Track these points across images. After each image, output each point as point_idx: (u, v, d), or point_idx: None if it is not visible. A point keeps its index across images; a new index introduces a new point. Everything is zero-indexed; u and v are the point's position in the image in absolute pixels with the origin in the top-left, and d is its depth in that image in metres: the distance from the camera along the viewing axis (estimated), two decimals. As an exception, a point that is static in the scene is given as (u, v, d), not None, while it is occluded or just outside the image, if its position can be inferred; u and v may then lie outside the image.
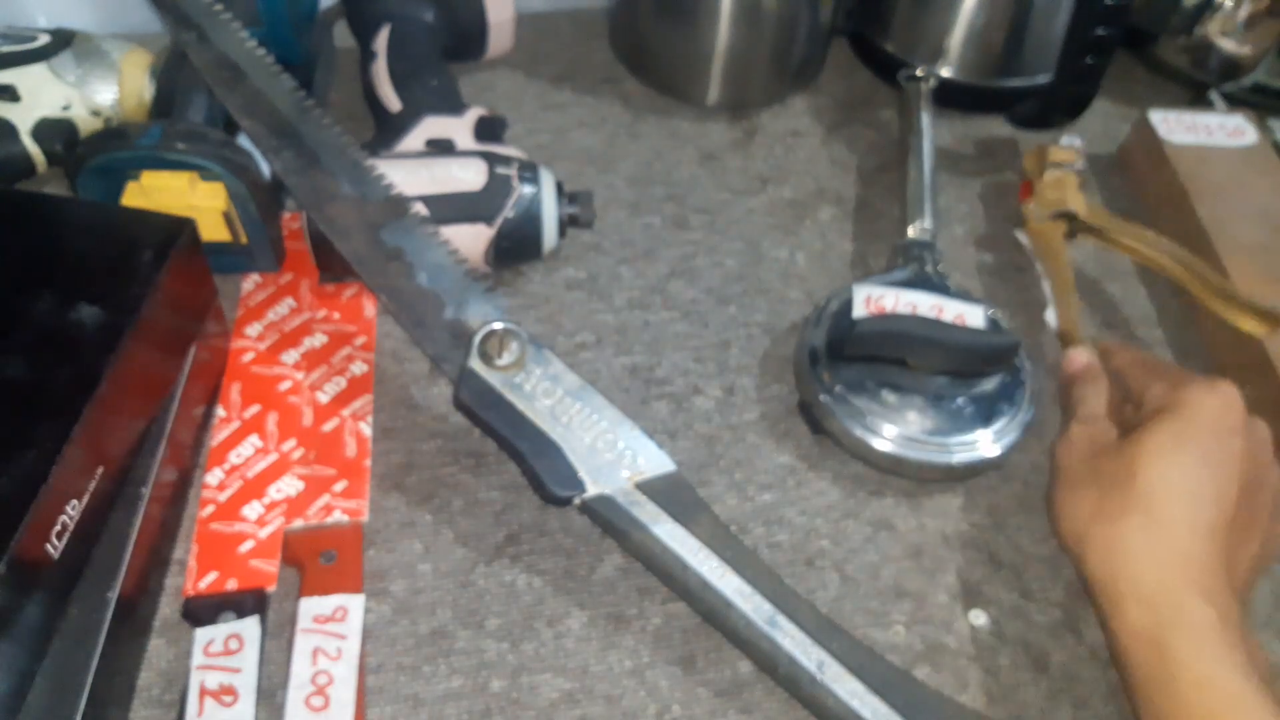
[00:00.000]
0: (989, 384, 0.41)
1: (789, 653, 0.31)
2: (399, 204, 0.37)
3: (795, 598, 0.32)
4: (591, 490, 0.33)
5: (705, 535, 0.32)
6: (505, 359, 0.34)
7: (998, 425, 0.40)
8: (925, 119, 0.53)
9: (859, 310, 0.43)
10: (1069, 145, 0.51)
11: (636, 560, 0.35)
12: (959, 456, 0.40)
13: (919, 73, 0.56)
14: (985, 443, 0.40)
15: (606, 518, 0.33)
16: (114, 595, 0.32)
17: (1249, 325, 0.45)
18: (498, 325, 0.34)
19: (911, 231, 0.48)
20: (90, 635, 0.31)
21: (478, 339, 0.34)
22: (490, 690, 0.35)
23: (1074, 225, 0.49)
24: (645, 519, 0.32)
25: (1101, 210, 0.50)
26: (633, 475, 0.33)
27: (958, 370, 0.41)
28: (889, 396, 0.40)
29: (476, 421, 0.34)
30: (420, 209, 0.38)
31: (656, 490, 0.33)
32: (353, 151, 0.38)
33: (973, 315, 0.43)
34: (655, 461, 0.33)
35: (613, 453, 0.33)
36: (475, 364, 0.34)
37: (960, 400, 0.41)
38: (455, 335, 0.35)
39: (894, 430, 0.40)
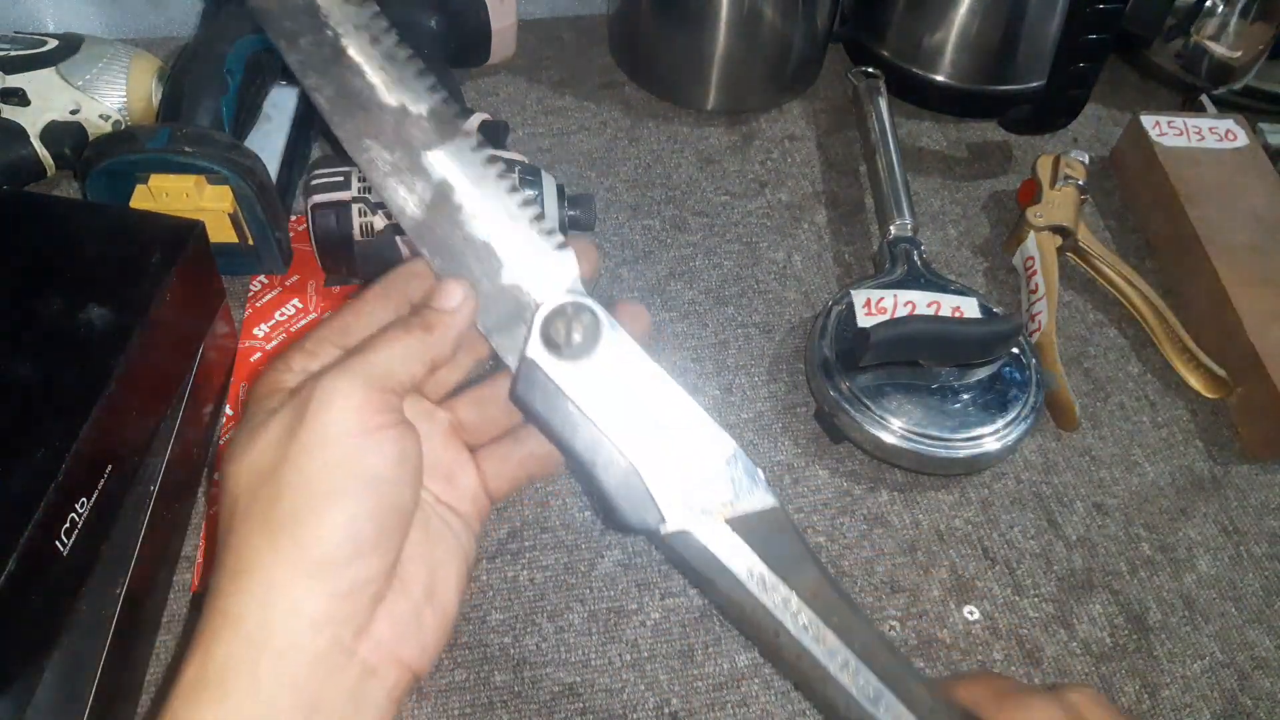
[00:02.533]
0: (992, 369, 0.42)
1: None
2: (451, 122, 0.27)
3: (908, 673, 0.26)
4: (672, 523, 0.26)
5: (807, 593, 0.26)
6: (575, 346, 0.26)
7: (1012, 412, 0.41)
8: (885, 116, 0.54)
9: (862, 316, 0.43)
10: (1078, 158, 0.51)
11: (716, 608, 0.29)
12: (986, 447, 0.40)
13: (870, 70, 0.57)
14: (1005, 430, 0.41)
15: (687, 559, 0.26)
16: (122, 591, 0.32)
17: (1199, 385, 0.46)
18: (568, 299, 0.26)
19: (893, 229, 0.48)
20: (99, 631, 0.31)
21: (541, 317, 0.26)
22: (493, 683, 0.35)
23: (1067, 243, 0.50)
24: (736, 567, 0.26)
25: (1094, 239, 0.50)
26: (724, 508, 0.26)
27: (967, 361, 0.42)
28: (906, 398, 0.41)
29: (536, 422, 0.27)
30: (475, 134, 0.28)
31: (752, 531, 0.26)
32: (391, 44, 0.28)
33: (968, 306, 0.44)
34: (753, 494, 0.26)
35: (702, 478, 0.26)
36: (537, 352, 0.26)
37: (972, 391, 0.42)
38: (514, 306, 0.27)
39: (921, 430, 0.40)
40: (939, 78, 0.58)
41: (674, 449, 0.26)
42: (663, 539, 0.26)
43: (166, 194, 0.40)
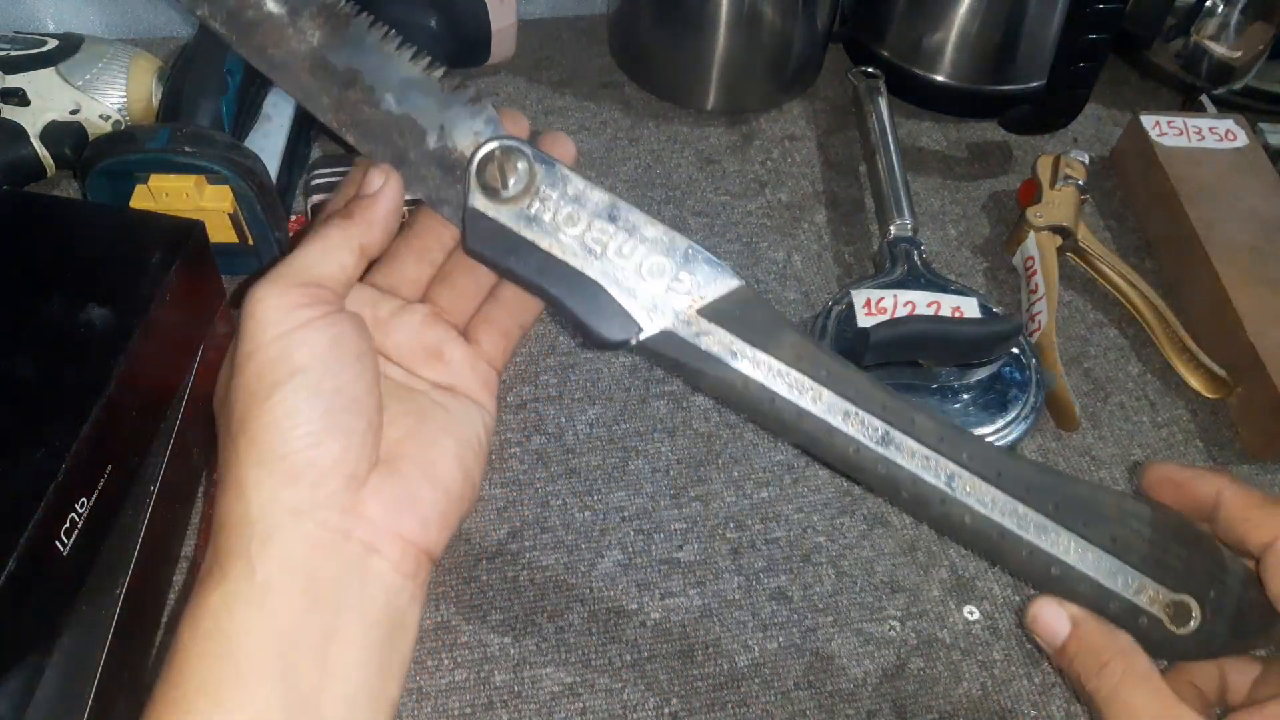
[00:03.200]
0: (991, 369, 0.42)
1: (911, 473, 0.26)
2: (339, 13, 0.28)
3: (911, 408, 0.26)
4: (649, 328, 0.27)
5: (790, 356, 0.27)
6: (513, 187, 0.27)
7: (1012, 412, 0.41)
8: (885, 116, 0.54)
9: (862, 316, 0.43)
10: (1078, 158, 0.51)
11: (714, 398, 0.30)
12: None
13: (870, 70, 0.57)
14: (1005, 430, 0.41)
15: (672, 357, 0.27)
16: (122, 592, 0.32)
17: (1199, 385, 0.46)
18: (493, 145, 0.27)
19: (893, 229, 0.48)
20: (99, 631, 0.31)
21: (474, 169, 0.27)
22: (493, 683, 0.35)
23: (1067, 243, 0.50)
24: (718, 350, 0.26)
25: (1094, 239, 0.50)
26: (693, 301, 0.27)
27: (967, 361, 0.42)
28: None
29: (495, 268, 0.28)
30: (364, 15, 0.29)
31: (723, 313, 0.27)
32: None
33: (968, 305, 0.44)
34: (716, 279, 0.27)
35: (664, 278, 0.27)
36: (478, 201, 0.27)
37: (972, 391, 0.42)
38: (446, 167, 0.28)
39: None
40: (939, 78, 0.58)
41: (631, 258, 0.27)
42: (644, 345, 0.27)
43: (166, 194, 0.40)
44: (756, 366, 0.27)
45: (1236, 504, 0.25)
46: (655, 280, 0.27)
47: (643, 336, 0.27)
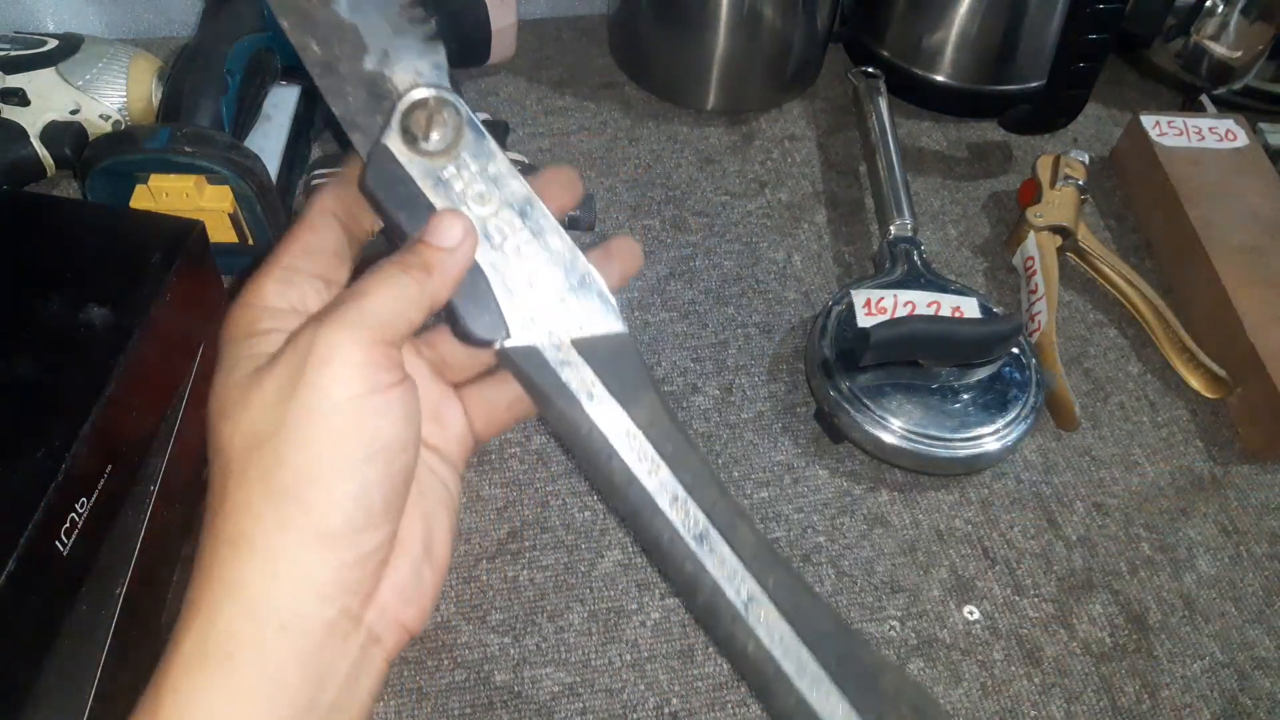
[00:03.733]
0: (992, 369, 0.42)
1: (714, 581, 0.25)
2: None
3: (737, 515, 0.25)
4: (517, 338, 0.25)
5: (644, 419, 0.25)
6: (435, 140, 0.25)
7: (1012, 412, 0.41)
8: (885, 116, 0.54)
9: (862, 316, 0.43)
10: (1078, 158, 0.51)
11: (554, 434, 0.29)
12: (986, 448, 0.40)
13: (870, 70, 0.57)
14: (1004, 430, 0.41)
15: (527, 374, 0.25)
16: (122, 592, 0.32)
17: (1199, 385, 0.46)
18: (429, 92, 0.25)
19: (893, 229, 0.48)
20: (99, 632, 0.31)
21: (402, 106, 0.25)
22: (493, 683, 0.35)
23: (1067, 243, 0.50)
24: (575, 385, 0.25)
25: (1094, 239, 0.50)
26: (571, 329, 0.25)
27: (967, 361, 0.42)
28: (906, 398, 0.41)
29: (384, 216, 0.26)
30: None
31: (596, 353, 0.25)
32: None
33: (968, 305, 0.44)
34: (602, 318, 0.26)
35: (553, 297, 0.25)
36: (393, 141, 0.25)
37: (972, 391, 0.42)
38: (373, 94, 0.26)
39: (921, 430, 0.40)
40: (939, 78, 0.58)
41: (526, 263, 0.25)
42: (506, 352, 0.25)
43: (166, 194, 0.40)
44: (606, 418, 0.25)
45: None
46: (542, 293, 0.25)
47: (508, 344, 0.25)
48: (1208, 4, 0.58)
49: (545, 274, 0.25)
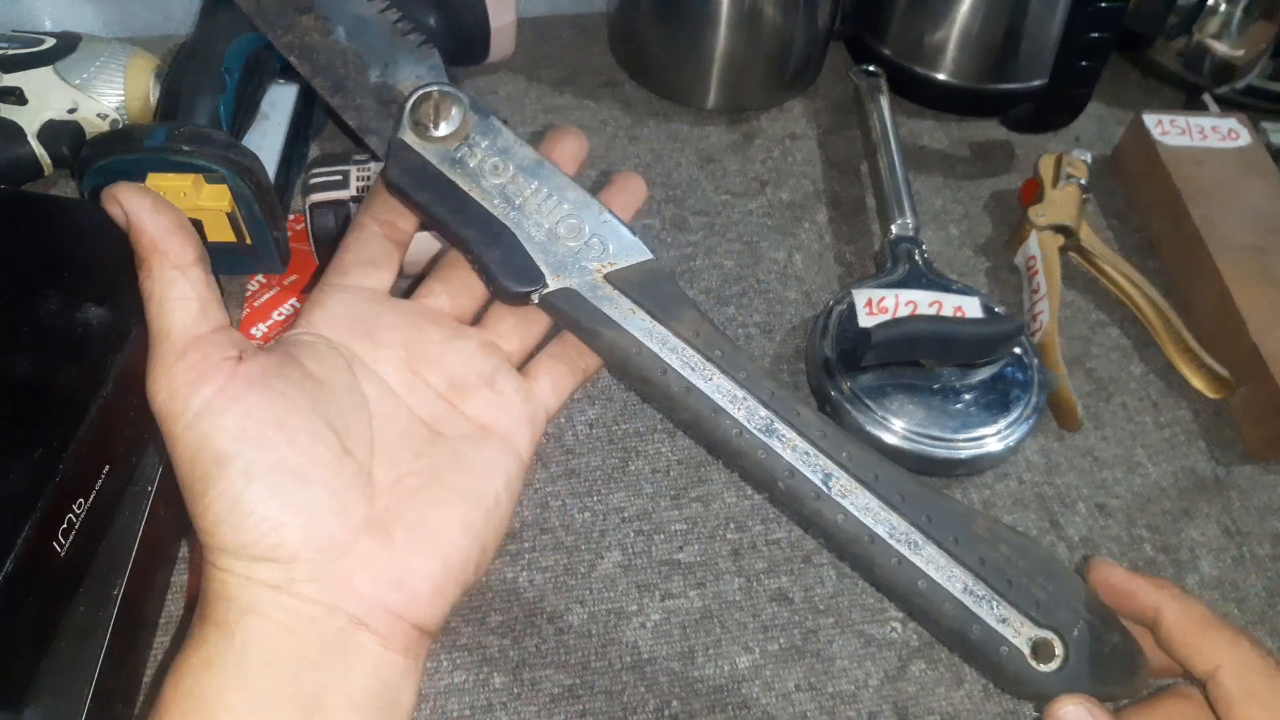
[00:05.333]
0: (994, 369, 0.42)
1: (789, 464, 0.26)
2: None
3: (796, 400, 0.27)
4: (553, 284, 0.27)
5: (688, 332, 0.27)
6: (444, 129, 0.28)
7: (1014, 412, 0.41)
8: (886, 114, 0.54)
9: (863, 315, 0.43)
10: (1080, 157, 0.51)
11: (608, 365, 0.30)
12: (988, 448, 0.40)
13: (872, 69, 0.57)
14: (1006, 430, 0.41)
15: (571, 315, 0.27)
16: (120, 593, 0.32)
17: (1202, 385, 0.46)
18: (432, 88, 0.28)
19: (894, 229, 0.48)
20: (96, 633, 0.31)
21: (409, 105, 0.28)
22: (492, 685, 0.35)
23: (1069, 243, 0.50)
24: (616, 314, 0.27)
25: (1096, 238, 0.50)
26: (601, 265, 0.27)
27: (969, 361, 0.42)
28: (908, 398, 0.41)
29: (412, 205, 0.28)
30: None
31: (629, 282, 0.27)
32: None
33: (970, 305, 0.44)
34: (628, 249, 0.28)
35: (578, 240, 0.27)
36: (407, 135, 0.28)
37: (974, 391, 0.41)
38: (382, 101, 0.29)
39: (923, 430, 0.40)
40: (941, 76, 0.58)
41: (548, 215, 0.28)
42: (546, 299, 0.27)
43: (164, 193, 0.40)
44: (653, 337, 0.27)
45: (1178, 625, 0.23)
46: (568, 239, 0.28)
47: (546, 291, 0.27)
48: (1210, 3, 0.58)
49: (566, 222, 0.28)
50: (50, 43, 0.48)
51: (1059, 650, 0.24)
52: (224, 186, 0.41)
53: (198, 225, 0.37)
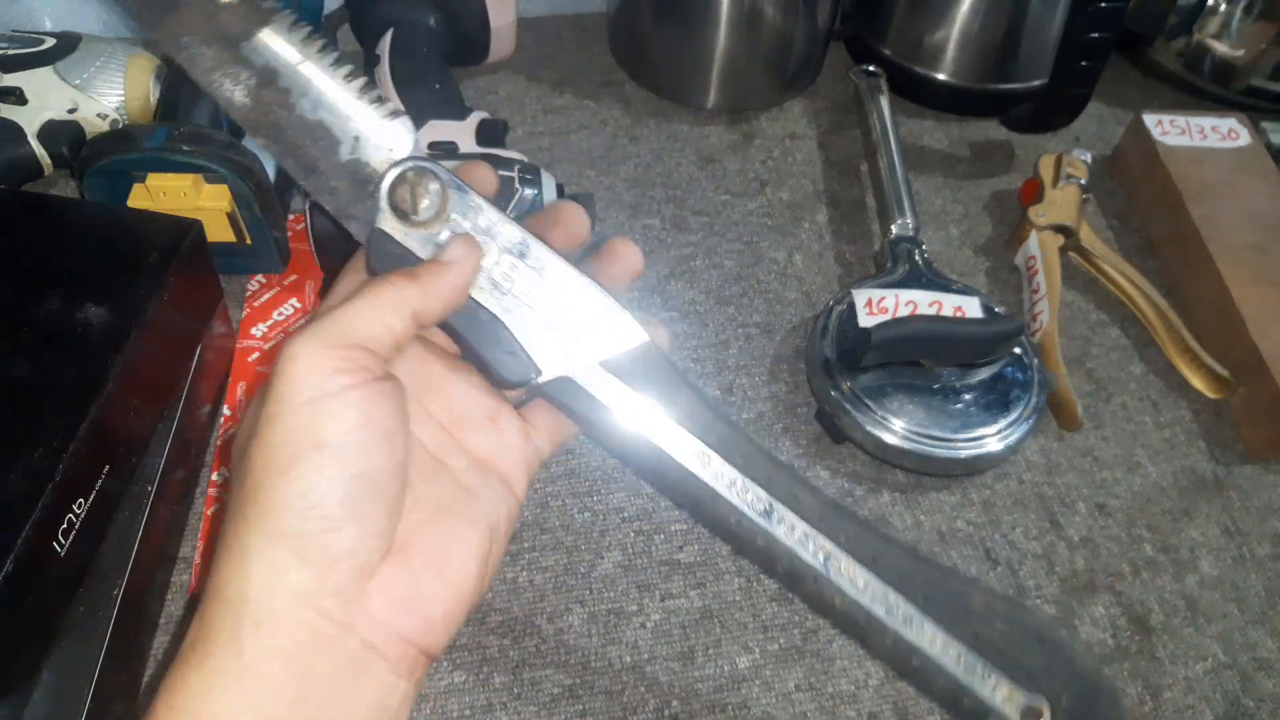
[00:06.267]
0: (994, 369, 0.42)
1: (789, 549, 0.26)
2: (260, 6, 0.27)
3: (795, 482, 0.27)
4: (547, 372, 0.26)
5: (682, 415, 0.27)
6: (423, 211, 0.26)
7: (1014, 412, 0.41)
8: (886, 114, 0.54)
9: (863, 315, 0.43)
10: (1080, 157, 0.51)
11: (604, 448, 0.30)
12: (988, 448, 0.40)
13: (872, 69, 0.57)
14: (1007, 430, 0.41)
15: (566, 403, 0.27)
16: (120, 593, 0.32)
17: (1202, 385, 0.46)
18: (407, 165, 0.26)
19: (894, 229, 0.48)
20: (96, 632, 0.31)
21: (385, 188, 0.26)
22: (492, 685, 0.35)
23: (1069, 243, 0.50)
24: (612, 403, 0.26)
25: (1096, 238, 0.50)
26: (597, 351, 0.27)
27: (969, 361, 0.42)
28: (908, 398, 0.41)
29: None
30: (287, 12, 0.28)
31: (625, 368, 0.27)
32: None
33: (969, 305, 0.44)
34: (623, 333, 0.27)
35: (571, 326, 0.27)
36: (386, 223, 0.26)
37: (974, 391, 0.41)
38: (357, 181, 0.27)
39: (923, 430, 0.40)
40: (941, 76, 0.58)
41: (538, 299, 0.27)
42: (540, 388, 0.27)
43: (164, 193, 0.40)
44: (649, 424, 0.27)
45: None
46: (561, 326, 0.27)
47: (540, 380, 0.27)
48: (1210, 3, 0.58)
49: (559, 307, 0.27)
50: (50, 43, 0.48)
51: (1047, 717, 0.25)
52: (224, 186, 0.41)
53: (198, 225, 0.37)
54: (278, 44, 0.27)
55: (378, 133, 0.27)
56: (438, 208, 0.26)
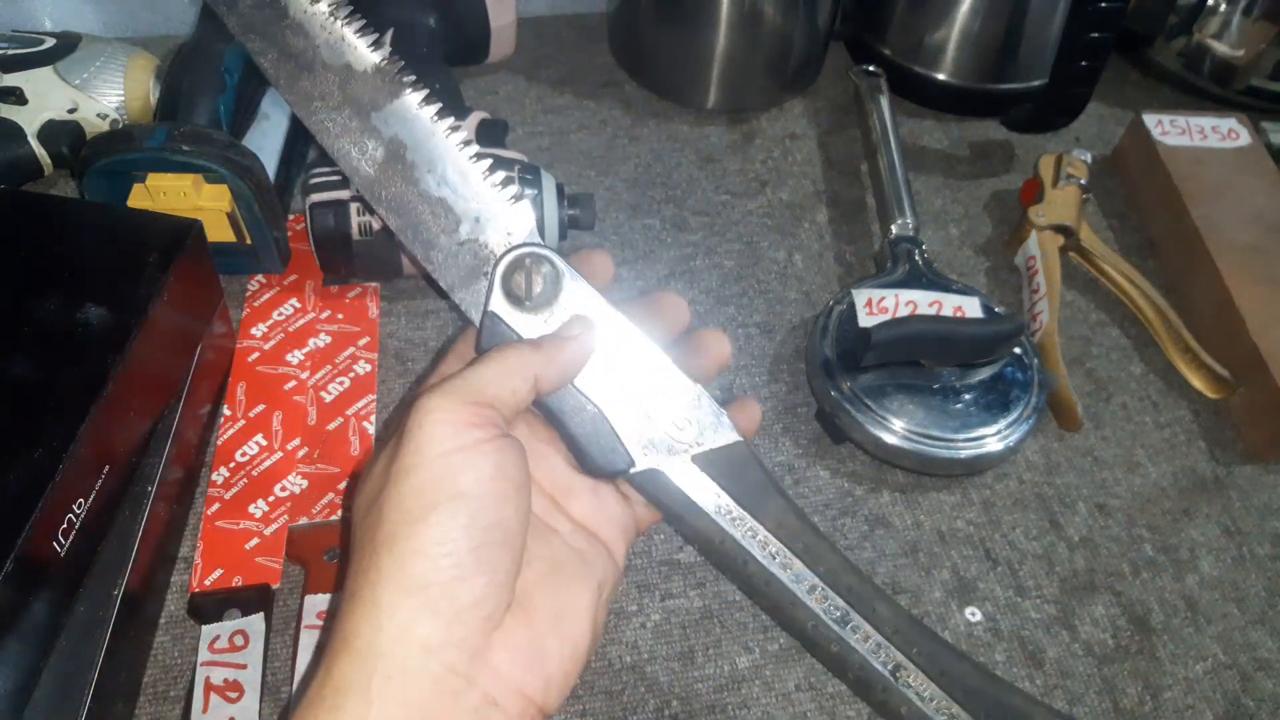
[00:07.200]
0: (994, 369, 0.42)
1: (861, 657, 0.27)
2: (395, 78, 0.28)
3: (875, 596, 0.27)
4: (640, 464, 0.27)
5: (772, 523, 0.27)
6: (536, 298, 0.27)
7: (1014, 413, 0.41)
8: (886, 114, 0.54)
9: (863, 315, 0.43)
10: (1080, 157, 0.51)
11: (690, 544, 0.31)
12: (988, 448, 0.40)
13: (872, 69, 0.57)
14: (1007, 430, 0.41)
15: (657, 496, 0.27)
16: (120, 592, 0.32)
17: (1202, 385, 0.46)
18: (524, 250, 0.27)
19: (894, 229, 0.48)
20: (96, 632, 0.31)
21: (500, 271, 0.27)
22: (492, 686, 0.35)
23: (1069, 243, 0.50)
24: (701, 500, 0.27)
25: (1096, 238, 0.50)
26: (690, 447, 0.27)
27: (969, 361, 0.42)
28: (908, 398, 0.41)
29: None
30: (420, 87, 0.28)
31: (716, 466, 0.27)
32: (331, 2, 0.28)
33: (969, 305, 0.44)
34: (717, 431, 0.27)
35: (668, 422, 0.27)
36: (499, 305, 0.27)
37: (974, 391, 0.42)
38: (474, 261, 0.27)
39: (923, 430, 0.40)
40: (941, 76, 0.58)
41: (639, 393, 0.27)
42: (633, 478, 0.27)
43: (164, 193, 0.40)
44: (737, 525, 0.27)
45: None
46: (658, 420, 0.27)
47: (633, 472, 0.27)
48: (1210, 3, 0.58)
49: (657, 402, 0.27)
50: (50, 43, 0.48)
51: None
52: (224, 186, 0.41)
53: (199, 225, 0.37)
54: (407, 119, 0.28)
55: (499, 215, 0.28)
56: (550, 296, 0.27)
